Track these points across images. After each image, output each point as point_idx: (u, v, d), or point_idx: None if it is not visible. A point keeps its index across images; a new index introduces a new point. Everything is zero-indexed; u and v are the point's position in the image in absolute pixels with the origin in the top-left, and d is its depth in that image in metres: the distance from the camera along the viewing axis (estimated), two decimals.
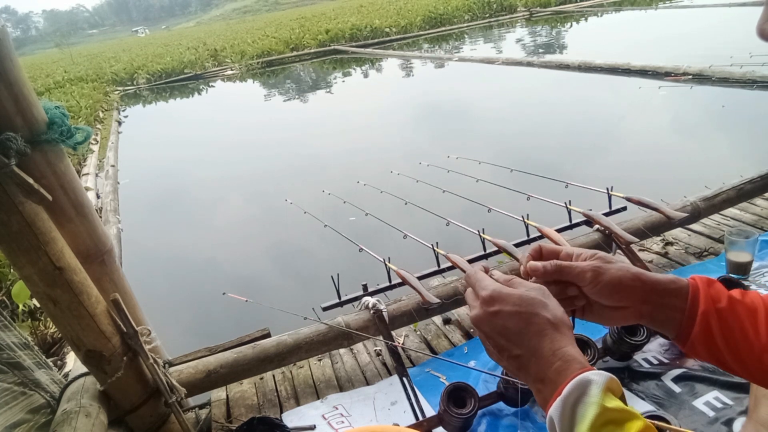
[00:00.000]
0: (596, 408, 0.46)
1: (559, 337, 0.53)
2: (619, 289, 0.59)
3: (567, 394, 0.48)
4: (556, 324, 0.53)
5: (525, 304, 0.55)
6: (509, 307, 0.55)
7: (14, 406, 1.30)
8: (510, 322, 0.54)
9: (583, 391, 0.48)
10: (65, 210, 1.27)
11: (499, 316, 0.55)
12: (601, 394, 0.47)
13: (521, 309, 0.54)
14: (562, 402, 0.49)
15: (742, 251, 1.82)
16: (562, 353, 0.51)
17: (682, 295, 0.58)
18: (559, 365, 0.51)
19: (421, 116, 7.86)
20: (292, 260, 3.96)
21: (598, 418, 0.46)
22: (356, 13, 25.65)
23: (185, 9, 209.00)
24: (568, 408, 0.48)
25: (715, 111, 5.31)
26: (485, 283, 0.58)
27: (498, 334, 0.55)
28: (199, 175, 6.56)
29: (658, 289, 0.59)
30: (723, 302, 0.58)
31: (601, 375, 0.49)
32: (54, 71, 22.02)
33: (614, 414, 0.46)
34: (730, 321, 0.57)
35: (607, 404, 0.46)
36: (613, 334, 1.52)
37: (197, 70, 17.91)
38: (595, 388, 0.47)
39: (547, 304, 0.55)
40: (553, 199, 2.23)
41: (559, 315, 0.54)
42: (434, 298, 1.77)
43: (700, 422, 1.32)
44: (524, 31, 15.87)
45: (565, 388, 0.49)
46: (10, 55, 1.11)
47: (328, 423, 1.55)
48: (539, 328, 0.53)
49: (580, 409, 0.47)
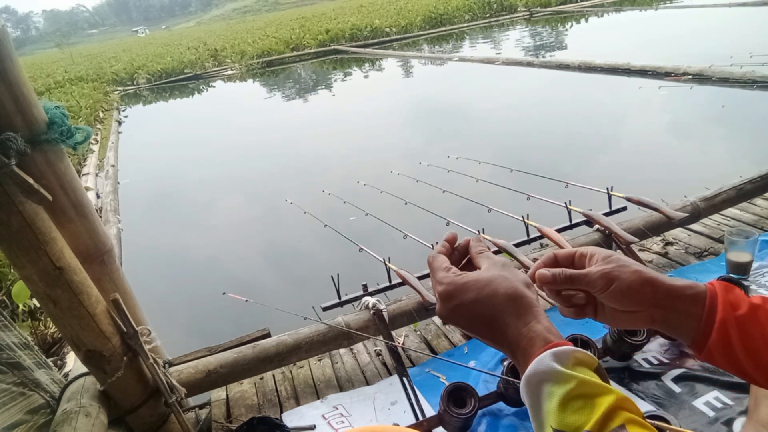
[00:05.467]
0: (561, 385, 0.45)
1: (522, 312, 0.51)
2: (629, 294, 0.57)
3: (530, 374, 0.47)
4: (517, 297, 0.52)
5: (481, 287, 0.53)
6: (468, 296, 0.53)
7: (13, 406, 1.29)
8: (473, 310, 0.53)
9: (545, 369, 0.46)
10: (65, 210, 1.27)
11: (460, 309, 0.53)
12: (565, 370, 0.45)
13: (479, 295, 0.53)
14: (526, 382, 0.48)
15: (742, 251, 1.82)
16: (527, 330, 0.50)
17: (699, 302, 0.56)
18: (525, 344, 0.50)
19: (421, 116, 7.86)
20: (292, 260, 3.96)
21: (566, 394, 0.44)
22: (356, 13, 25.64)
23: (185, 9, 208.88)
24: (533, 387, 0.47)
25: (715, 111, 5.31)
26: (439, 276, 0.57)
27: (467, 326, 0.54)
28: (199, 175, 6.56)
29: (673, 295, 0.57)
30: (743, 309, 0.55)
31: (563, 350, 0.47)
32: (54, 71, 22.01)
33: (583, 389, 0.45)
34: (750, 329, 0.54)
35: (573, 381, 0.45)
36: (613, 334, 1.52)
37: (197, 70, 17.93)
38: (557, 365, 0.46)
39: (506, 276, 0.54)
40: (553, 199, 2.24)
41: (520, 287, 0.53)
42: (434, 298, 1.77)
43: (700, 422, 1.31)
44: (524, 31, 15.86)
45: (528, 369, 0.48)
46: (10, 55, 1.11)
47: (328, 423, 1.55)
48: (501, 309, 0.52)
49: (546, 388, 0.46)
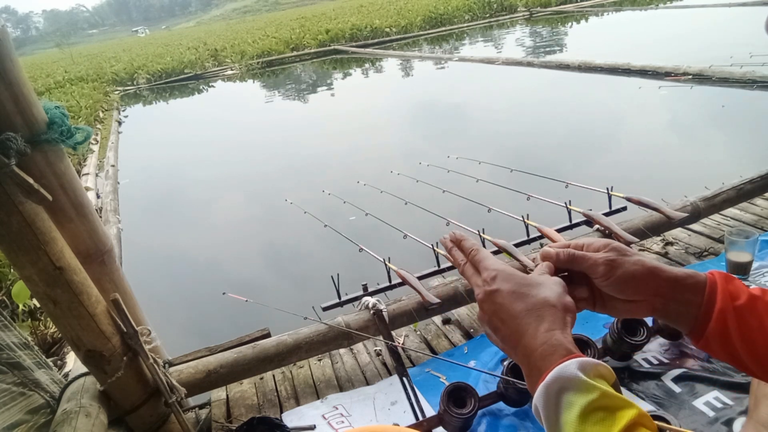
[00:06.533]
0: (584, 395, 0.44)
1: (551, 320, 0.50)
2: (632, 283, 0.57)
3: (550, 381, 0.47)
4: (555, 306, 0.52)
5: (525, 284, 0.54)
6: (508, 286, 0.54)
7: (13, 406, 1.30)
8: (506, 300, 0.53)
9: (568, 378, 0.46)
10: (65, 210, 1.27)
11: (497, 294, 0.54)
12: (589, 380, 0.45)
13: (519, 289, 0.53)
14: (545, 389, 0.47)
15: (742, 251, 1.82)
16: (549, 337, 0.49)
17: (699, 291, 0.56)
18: (544, 350, 0.49)
19: (421, 116, 7.86)
20: (292, 260, 3.96)
21: (588, 405, 0.44)
22: (356, 13, 25.65)
23: (185, 9, 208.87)
24: (552, 396, 0.46)
25: (715, 111, 5.31)
26: (489, 262, 0.57)
27: (493, 314, 0.54)
28: (199, 175, 6.56)
29: (674, 284, 0.57)
30: (742, 299, 0.55)
31: (588, 361, 0.47)
32: (54, 71, 22.01)
33: (605, 401, 0.44)
34: (748, 319, 0.54)
35: (595, 391, 0.44)
36: (613, 334, 1.52)
37: (197, 70, 17.94)
38: (581, 374, 0.45)
39: (551, 287, 0.54)
40: (553, 199, 2.24)
41: (561, 299, 0.52)
42: (434, 298, 1.77)
43: (700, 422, 1.31)
44: (524, 31, 15.87)
45: (549, 375, 0.47)
46: (10, 55, 1.11)
47: (328, 423, 1.55)
48: (534, 309, 0.51)
49: (567, 397, 0.45)
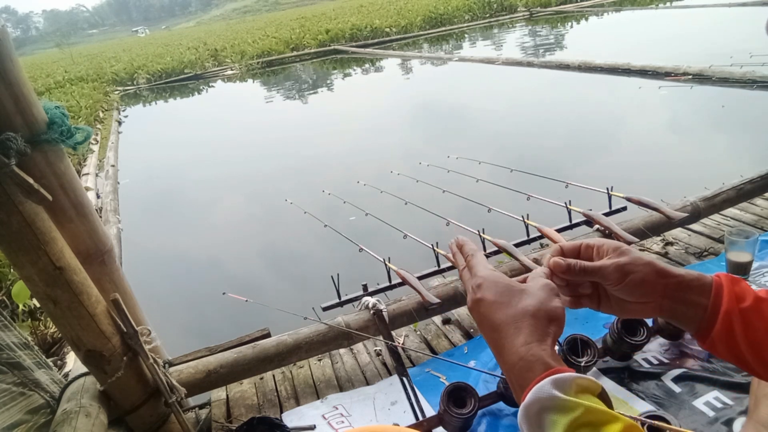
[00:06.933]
0: (565, 414, 0.43)
1: (529, 332, 0.49)
2: (642, 286, 0.57)
3: (529, 403, 0.45)
4: (534, 315, 0.50)
5: (507, 293, 0.53)
6: (490, 296, 0.53)
7: (13, 406, 1.30)
8: (488, 310, 0.52)
9: (546, 398, 0.44)
10: (65, 210, 1.27)
11: (481, 304, 0.53)
12: (568, 398, 0.44)
13: (500, 299, 0.52)
14: (525, 410, 0.46)
15: (742, 251, 1.82)
16: (526, 351, 0.48)
17: (705, 293, 0.56)
18: (522, 366, 0.48)
19: (421, 116, 7.86)
20: (292, 260, 3.96)
21: (571, 424, 0.43)
22: (356, 13, 25.64)
23: (185, 9, 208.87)
24: (533, 417, 0.45)
25: (715, 111, 5.31)
26: (478, 269, 0.56)
27: (479, 323, 0.54)
28: (199, 175, 6.56)
29: (681, 286, 0.57)
30: (748, 301, 0.55)
31: (565, 377, 0.45)
32: (54, 71, 21.99)
33: (588, 416, 0.43)
34: (754, 320, 0.54)
35: (578, 409, 0.43)
36: (613, 334, 1.52)
37: (197, 70, 17.92)
38: (559, 393, 0.44)
39: (535, 293, 0.52)
40: (553, 199, 2.24)
41: (544, 306, 0.51)
42: (434, 298, 1.77)
43: (700, 422, 1.31)
44: (524, 31, 15.87)
45: (527, 396, 0.46)
46: (10, 55, 1.11)
47: (328, 423, 1.55)
48: (512, 321, 0.50)
49: (548, 417, 0.44)
